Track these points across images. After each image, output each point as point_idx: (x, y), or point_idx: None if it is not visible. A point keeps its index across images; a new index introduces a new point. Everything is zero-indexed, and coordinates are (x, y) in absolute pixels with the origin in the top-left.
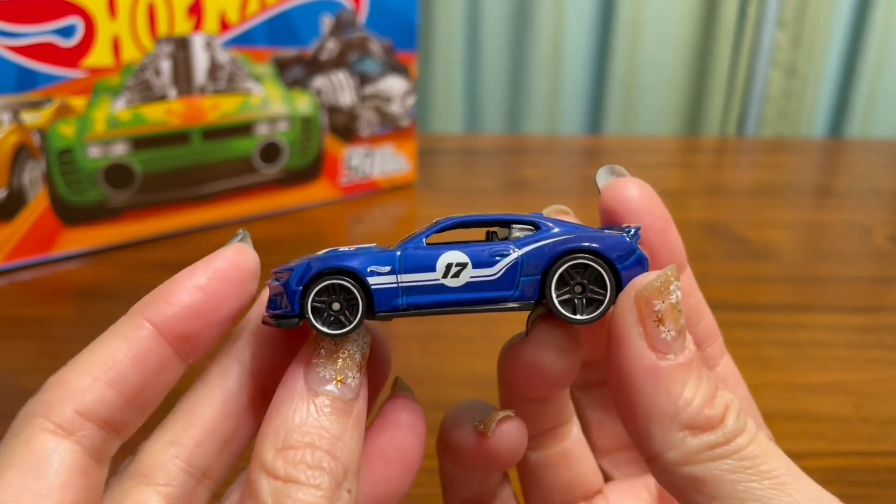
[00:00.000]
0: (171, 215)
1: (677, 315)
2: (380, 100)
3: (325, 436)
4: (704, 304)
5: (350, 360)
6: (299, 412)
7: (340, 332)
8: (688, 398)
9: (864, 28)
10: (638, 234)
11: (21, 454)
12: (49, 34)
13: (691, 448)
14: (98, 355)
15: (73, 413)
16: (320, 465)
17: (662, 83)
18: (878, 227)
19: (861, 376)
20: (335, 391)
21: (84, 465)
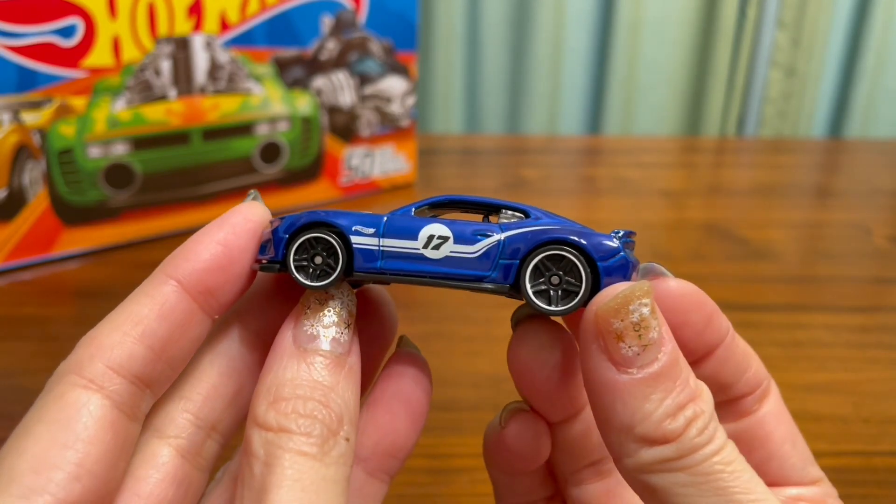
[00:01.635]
0: (171, 215)
1: (640, 332)
2: (380, 100)
3: (316, 387)
4: (749, 352)
5: (336, 317)
6: (290, 368)
7: (319, 285)
8: (647, 411)
9: (864, 28)
10: (628, 238)
11: (51, 409)
12: (49, 34)
13: (644, 460)
14: (125, 313)
15: (104, 368)
16: (312, 415)
17: (662, 83)
18: (878, 227)
19: (861, 376)
20: (325, 347)
21: (113, 418)
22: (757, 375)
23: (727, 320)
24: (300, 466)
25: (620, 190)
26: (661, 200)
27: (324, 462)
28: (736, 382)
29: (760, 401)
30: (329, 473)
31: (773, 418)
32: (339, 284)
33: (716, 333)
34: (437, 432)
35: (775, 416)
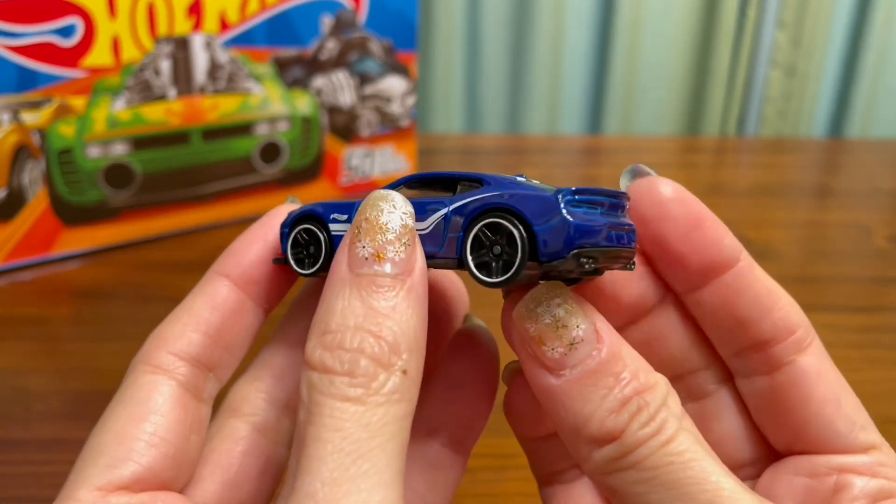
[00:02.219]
0: (171, 215)
1: (561, 333)
2: (380, 100)
3: (369, 316)
4: (777, 292)
5: (389, 234)
6: (341, 297)
7: (307, 272)
8: (589, 412)
9: (864, 28)
10: (592, 196)
11: (127, 392)
12: (49, 34)
13: (597, 461)
14: (183, 308)
15: (167, 355)
16: (359, 348)
17: (662, 83)
18: (878, 227)
19: (861, 376)
20: (378, 268)
21: (180, 395)
22: (787, 319)
23: (738, 244)
24: (341, 413)
25: None
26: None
27: (371, 404)
28: (757, 320)
29: (797, 352)
30: (377, 417)
31: (813, 374)
32: (388, 194)
33: (714, 246)
34: None
35: (815, 371)
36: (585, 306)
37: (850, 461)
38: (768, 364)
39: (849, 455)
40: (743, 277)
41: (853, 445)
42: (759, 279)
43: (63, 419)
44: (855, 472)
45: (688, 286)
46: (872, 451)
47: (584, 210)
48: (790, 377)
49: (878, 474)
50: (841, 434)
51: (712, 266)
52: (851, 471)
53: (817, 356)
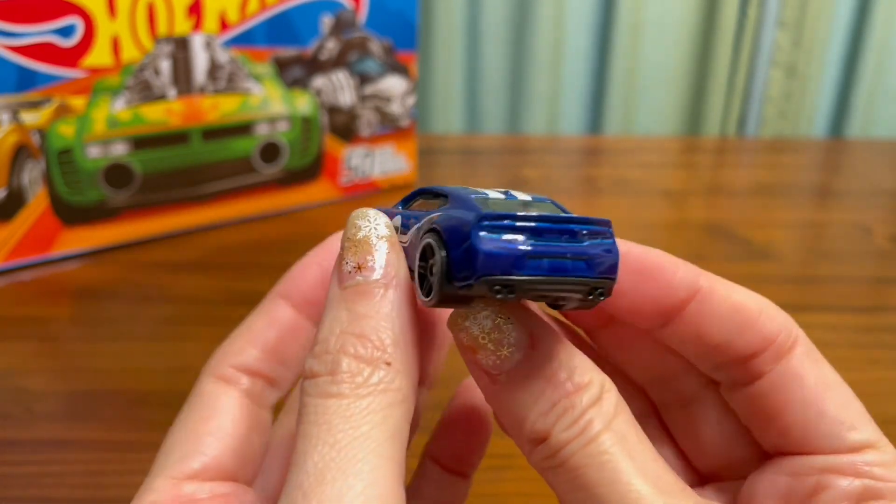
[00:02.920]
0: (171, 215)
1: (490, 341)
2: (380, 100)
3: (352, 321)
4: (748, 307)
5: (365, 244)
6: (331, 310)
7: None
8: (522, 415)
9: (865, 28)
10: (487, 220)
11: (195, 399)
12: (49, 34)
13: (534, 461)
14: (244, 327)
15: (230, 368)
16: (342, 349)
17: (662, 83)
18: (878, 227)
19: (861, 376)
20: (360, 278)
21: (243, 402)
22: (762, 333)
23: (694, 273)
24: (324, 409)
25: (621, 190)
26: (661, 200)
27: (353, 397)
28: (730, 342)
29: (776, 361)
30: (360, 408)
31: (792, 380)
32: (363, 211)
33: (663, 291)
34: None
35: (793, 377)
36: (521, 313)
37: (833, 461)
38: (748, 375)
39: (834, 455)
40: (706, 305)
41: (840, 445)
42: (725, 300)
43: (63, 419)
44: (838, 472)
45: (651, 328)
46: (864, 450)
47: (503, 236)
48: (770, 385)
49: (863, 474)
50: (825, 435)
51: (669, 309)
52: (835, 471)
53: (798, 359)
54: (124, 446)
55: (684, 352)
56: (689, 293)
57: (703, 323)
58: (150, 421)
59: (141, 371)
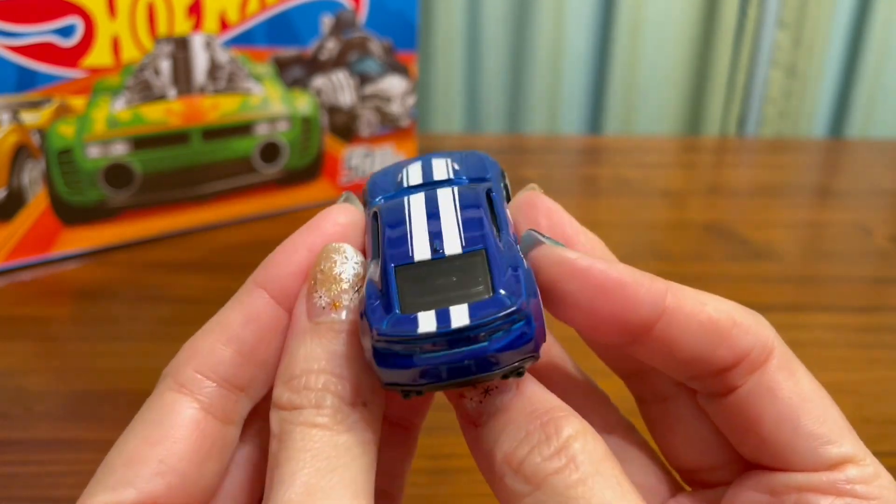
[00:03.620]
0: (171, 215)
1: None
2: (380, 100)
3: (330, 359)
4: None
5: (343, 283)
6: (303, 344)
7: None
8: (507, 452)
9: (865, 28)
10: (378, 346)
11: (150, 409)
12: (49, 34)
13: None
14: (216, 320)
15: (193, 372)
16: (324, 387)
17: (662, 83)
18: (878, 227)
19: (861, 376)
20: (335, 316)
21: (200, 420)
22: (736, 348)
23: (661, 288)
24: (310, 437)
25: (621, 190)
26: (661, 200)
27: (336, 430)
28: (703, 358)
29: (750, 373)
30: (342, 440)
31: (763, 394)
32: (340, 246)
33: (627, 311)
34: (438, 432)
35: (766, 390)
36: None
37: (813, 479)
38: (722, 388)
39: (812, 473)
40: (674, 323)
41: (817, 462)
42: (692, 316)
43: (63, 419)
44: (818, 490)
45: (617, 345)
46: (843, 465)
47: (398, 354)
48: (743, 399)
49: (844, 492)
50: (802, 451)
51: (632, 328)
52: (814, 489)
53: (772, 372)
54: None
55: (656, 365)
56: (655, 312)
57: (673, 341)
58: None
59: (141, 371)
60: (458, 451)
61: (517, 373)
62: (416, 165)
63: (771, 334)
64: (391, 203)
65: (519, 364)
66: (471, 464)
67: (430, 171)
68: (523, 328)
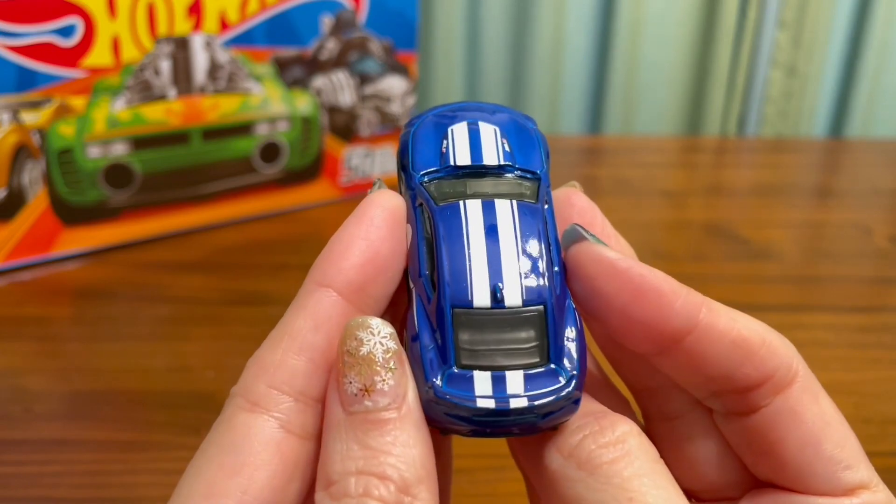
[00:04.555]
0: (171, 215)
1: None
2: (380, 100)
3: (369, 458)
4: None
5: (375, 364)
6: (338, 440)
7: None
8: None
9: (865, 28)
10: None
11: (222, 432)
12: (49, 34)
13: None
14: (284, 329)
15: (266, 388)
16: (366, 492)
17: (662, 83)
18: (878, 227)
19: (861, 376)
20: (368, 404)
21: (280, 440)
22: (762, 368)
23: (696, 301)
24: None
25: (621, 190)
26: (661, 200)
27: None
28: (727, 376)
29: (774, 395)
30: None
31: (789, 416)
32: (364, 320)
33: (659, 320)
34: None
35: (792, 412)
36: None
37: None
38: (744, 407)
39: (829, 498)
40: (706, 338)
41: (835, 487)
42: (725, 334)
43: (63, 419)
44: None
45: (644, 353)
46: (858, 491)
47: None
48: (766, 420)
49: None
50: (821, 475)
51: (663, 338)
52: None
53: (797, 394)
54: (124, 446)
55: (679, 380)
56: (688, 324)
57: (702, 356)
58: (150, 421)
59: (141, 371)
60: (458, 452)
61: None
62: (463, 131)
63: (796, 357)
64: (446, 208)
65: (560, 420)
66: (470, 464)
67: (478, 147)
68: (567, 389)
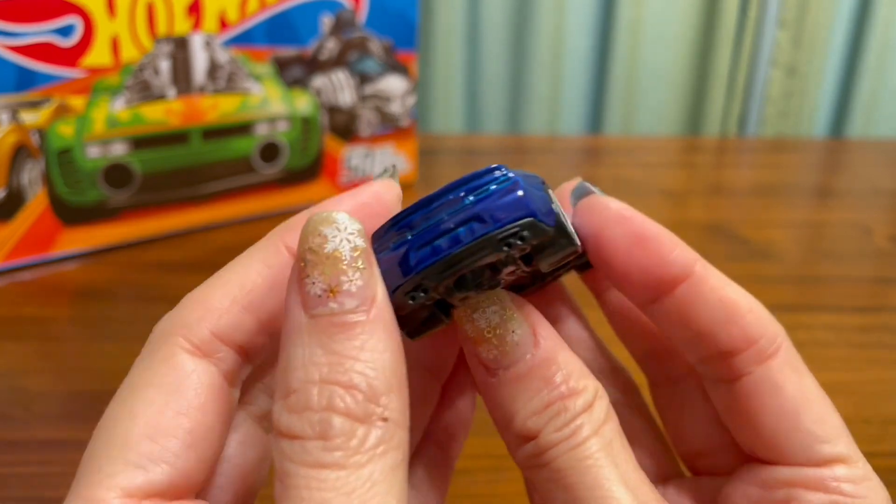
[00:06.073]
0: (170, 215)
1: (494, 337)
2: (380, 100)
3: (333, 365)
4: (737, 302)
5: (341, 262)
6: (299, 345)
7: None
8: (514, 410)
9: (865, 28)
10: (374, 244)
11: (162, 372)
12: (48, 34)
13: (519, 456)
14: (237, 277)
15: (210, 334)
16: (330, 406)
17: (662, 83)
18: (878, 227)
19: (861, 376)
20: (334, 305)
21: (220, 385)
22: (747, 330)
23: (691, 256)
24: (319, 484)
25: (621, 190)
26: (661, 200)
27: (353, 466)
28: (714, 332)
29: (757, 363)
30: (362, 479)
31: (769, 386)
32: (329, 215)
33: (658, 264)
34: None
35: (773, 383)
36: (527, 310)
37: (803, 474)
38: (729, 374)
39: (803, 468)
40: (696, 290)
41: (810, 458)
42: (715, 290)
43: (63, 419)
44: (807, 486)
45: (641, 301)
46: (834, 464)
47: (387, 247)
48: (748, 388)
49: (831, 489)
50: (797, 446)
51: (659, 283)
52: (804, 485)
53: (779, 366)
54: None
55: (670, 334)
56: (683, 273)
57: (691, 307)
58: None
59: None
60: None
61: (545, 243)
62: None
63: (782, 333)
64: None
65: (526, 225)
66: (470, 464)
67: None
68: (509, 183)
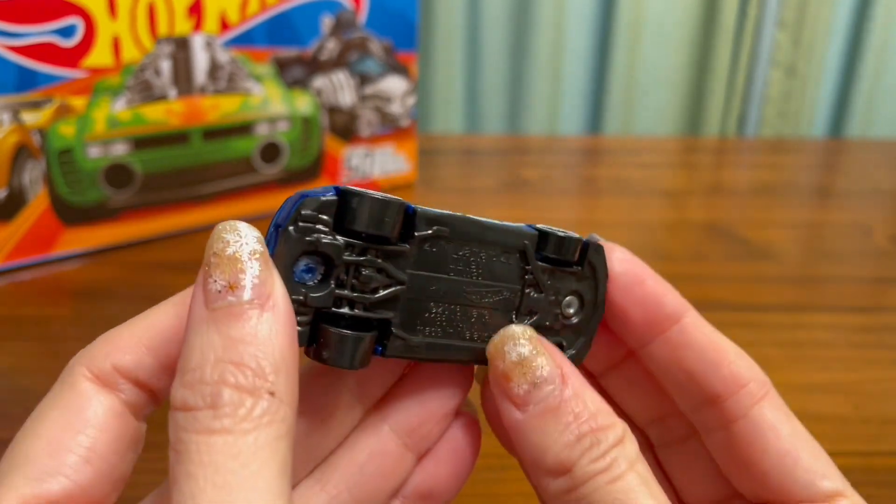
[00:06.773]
0: (171, 215)
1: (525, 371)
2: (380, 100)
3: (228, 347)
4: (724, 347)
5: (241, 263)
6: (199, 333)
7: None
8: (546, 445)
9: (865, 28)
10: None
11: (64, 396)
12: (49, 34)
13: (551, 492)
14: (148, 321)
15: (112, 368)
16: (221, 380)
17: (662, 83)
18: (878, 227)
19: (861, 376)
20: (232, 298)
21: (122, 412)
22: (737, 373)
23: (683, 302)
24: (209, 446)
25: (621, 190)
26: (661, 200)
27: (239, 432)
28: (706, 374)
29: (751, 406)
30: (248, 445)
31: (768, 427)
32: (232, 224)
33: (654, 303)
34: None
35: (770, 424)
36: (551, 350)
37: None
38: (724, 417)
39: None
40: (688, 333)
41: (815, 494)
42: (705, 335)
43: None
44: None
45: (637, 341)
46: (836, 498)
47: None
48: (745, 431)
49: None
50: (801, 483)
51: (655, 321)
52: None
53: (772, 408)
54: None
55: (665, 380)
56: (676, 313)
57: (684, 349)
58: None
59: None
60: None
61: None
62: None
63: (767, 379)
64: None
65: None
66: None
67: None
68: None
